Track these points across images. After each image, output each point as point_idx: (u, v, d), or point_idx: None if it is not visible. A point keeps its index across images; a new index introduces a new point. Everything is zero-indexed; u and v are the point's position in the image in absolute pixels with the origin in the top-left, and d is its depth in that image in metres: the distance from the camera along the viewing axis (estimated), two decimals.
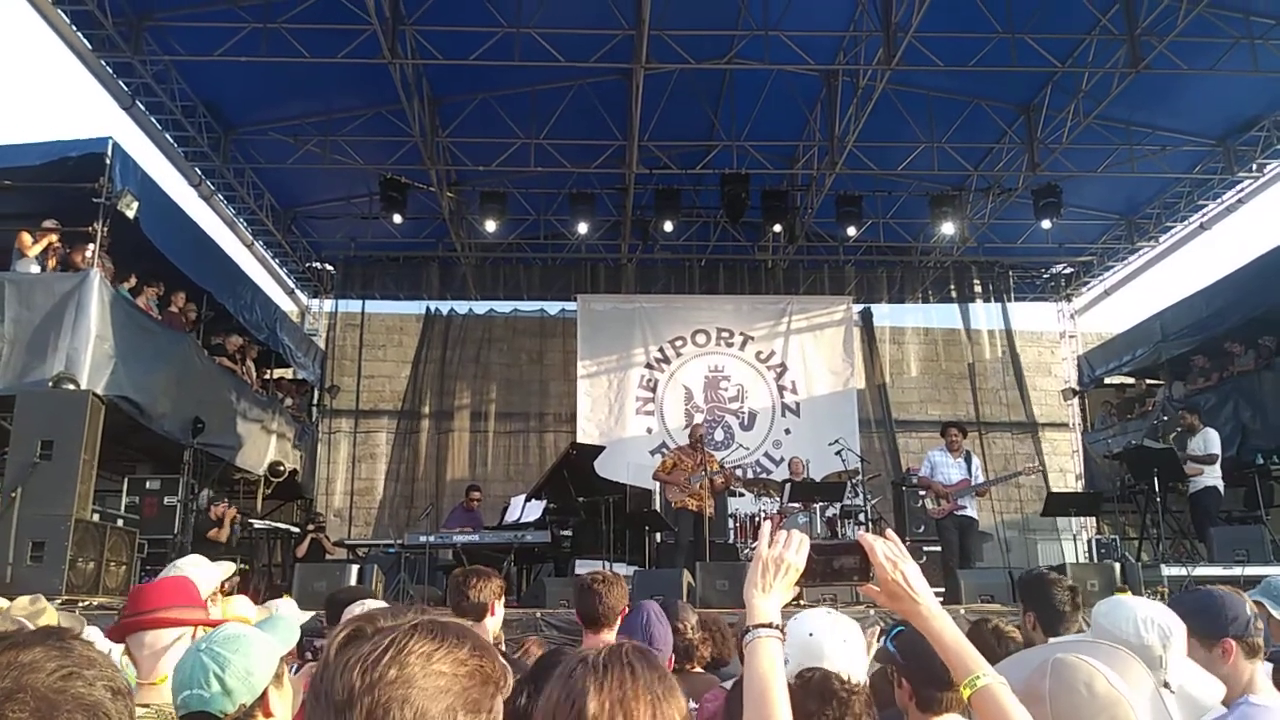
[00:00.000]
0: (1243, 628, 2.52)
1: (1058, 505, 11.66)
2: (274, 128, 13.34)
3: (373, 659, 1.18)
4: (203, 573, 3.31)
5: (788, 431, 16.13)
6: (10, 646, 0.98)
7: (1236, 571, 8.10)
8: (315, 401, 16.78)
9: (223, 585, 3.53)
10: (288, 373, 15.73)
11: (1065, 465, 17.60)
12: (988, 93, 13.00)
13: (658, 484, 11.16)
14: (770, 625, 1.82)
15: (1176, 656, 2.14)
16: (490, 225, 14.29)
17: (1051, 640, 2.79)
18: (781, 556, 1.90)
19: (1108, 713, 1.67)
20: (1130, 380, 16.15)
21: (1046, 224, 14.04)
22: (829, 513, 11.83)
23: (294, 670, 2.72)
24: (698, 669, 3.86)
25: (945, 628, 1.83)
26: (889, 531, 1.96)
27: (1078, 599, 3.55)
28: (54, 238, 9.49)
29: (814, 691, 2.15)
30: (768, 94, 12.84)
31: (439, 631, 1.26)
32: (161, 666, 2.46)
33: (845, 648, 2.36)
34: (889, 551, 1.89)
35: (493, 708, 1.27)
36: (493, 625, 3.73)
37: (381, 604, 4.46)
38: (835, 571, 1.95)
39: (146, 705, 2.29)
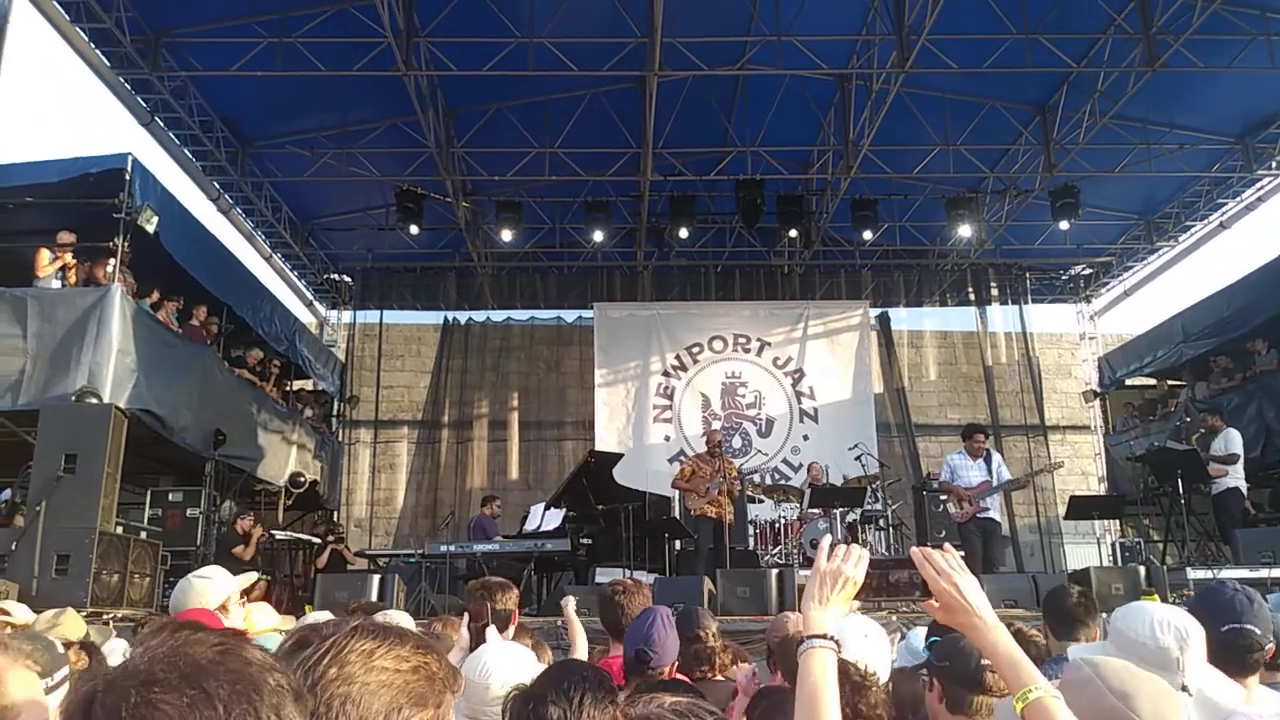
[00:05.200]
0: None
1: (1080, 509, 11.55)
2: (291, 141, 13.44)
3: (314, 660, 1.20)
4: (220, 580, 3.33)
5: (806, 437, 16.08)
6: (178, 627, 0.99)
7: (1263, 574, 8.02)
8: (335, 412, 16.86)
9: (248, 593, 3.57)
10: (307, 384, 15.82)
11: (1087, 468, 17.45)
12: (1003, 94, 12.95)
13: (677, 492, 11.15)
14: (825, 636, 1.84)
15: (1195, 660, 2.12)
16: (506, 235, 14.34)
17: (1071, 648, 2.78)
18: (840, 570, 1.92)
19: (1153, 684, 1.67)
20: (1152, 382, 16.01)
21: (1064, 225, 13.97)
22: (849, 518, 11.78)
23: None
24: (719, 676, 3.84)
25: (1000, 640, 1.84)
26: (946, 545, 1.97)
27: (1089, 606, 3.54)
28: (68, 256, 9.58)
29: None
30: (781, 99, 12.83)
31: (379, 632, 1.28)
32: None
33: (867, 642, 2.37)
34: (943, 565, 1.89)
35: (441, 703, 1.28)
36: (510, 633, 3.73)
37: (405, 615, 4.47)
38: (891, 586, 1.98)
39: None
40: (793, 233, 15.16)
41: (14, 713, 1.76)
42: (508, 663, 2.70)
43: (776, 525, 12.32)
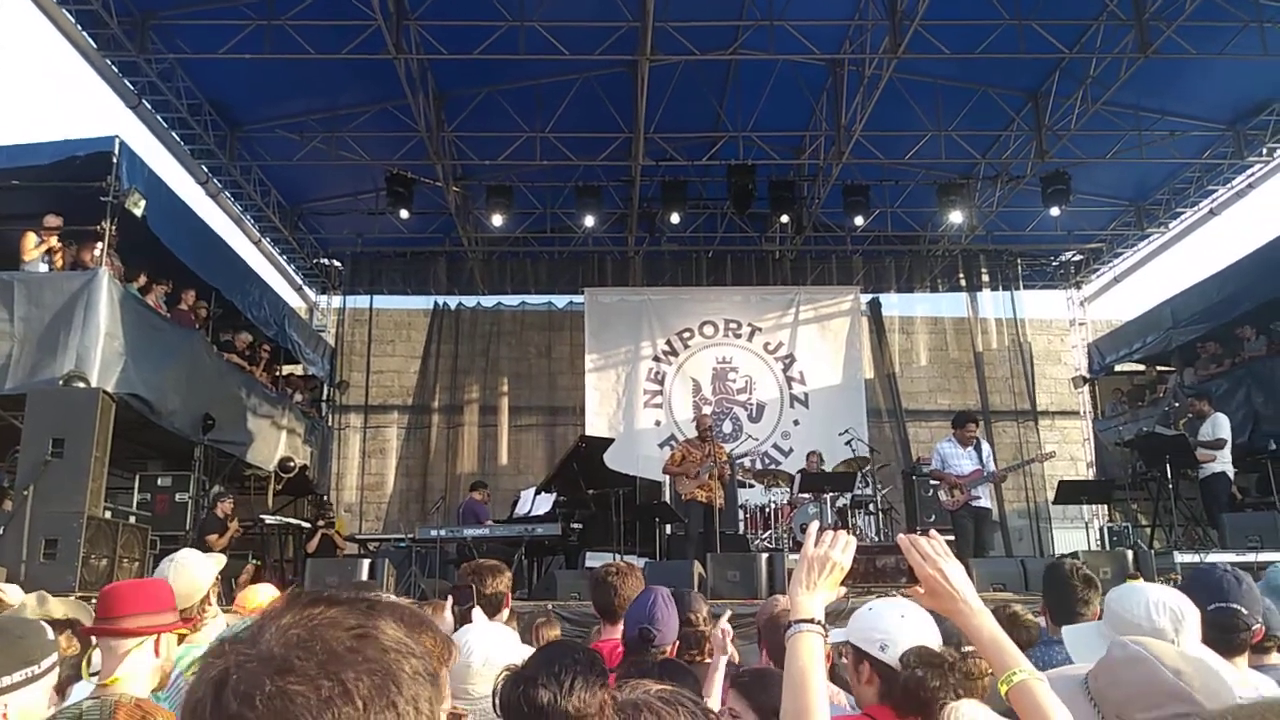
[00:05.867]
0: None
1: (1069, 493, 11.61)
2: (280, 124, 13.35)
3: None
4: (199, 569, 3.33)
5: (796, 422, 16.11)
6: (310, 603, 0.93)
7: (1250, 558, 8.07)
8: (325, 397, 16.82)
9: (239, 578, 3.58)
10: (297, 369, 15.77)
11: (1076, 453, 17.54)
12: (995, 80, 12.94)
13: (667, 476, 11.17)
14: (813, 621, 1.87)
15: (1189, 640, 2.13)
16: (497, 219, 14.29)
17: (1066, 629, 2.78)
18: (827, 556, 1.95)
19: (1201, 661, 1.68)
20: (1141, 367, 16.08)
21: (1055, 211, 13.98)
22: (840, 503, 11.82)
23: None
24: (709, 659, 3.85)
25: (984, 624, 1.87)
26: (933, 531, 1.99)
27: (1091, 588, 3.53)
28: (54, 240, 9.52)
29: (931, 664, 2.16)
30: (773, 84, 12.81)
31: (377, 610, 1.27)
32: (119, 669, 2.56)
33: (904, 623, 2.36)
34: (928, 550, 1.91)
35: (437, 680, 1.28)
36: (504, 616, 3.73)
37: (394, 599, 4.46)
38: (878, 571, 2.01)
39: (96, 699, 2.34)
40: (784, 218, 15.16)
41: None
42: (490, 641, 2.70)
43: (767, 510, 12.34)
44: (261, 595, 3.89)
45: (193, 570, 3.28)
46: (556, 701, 2.00)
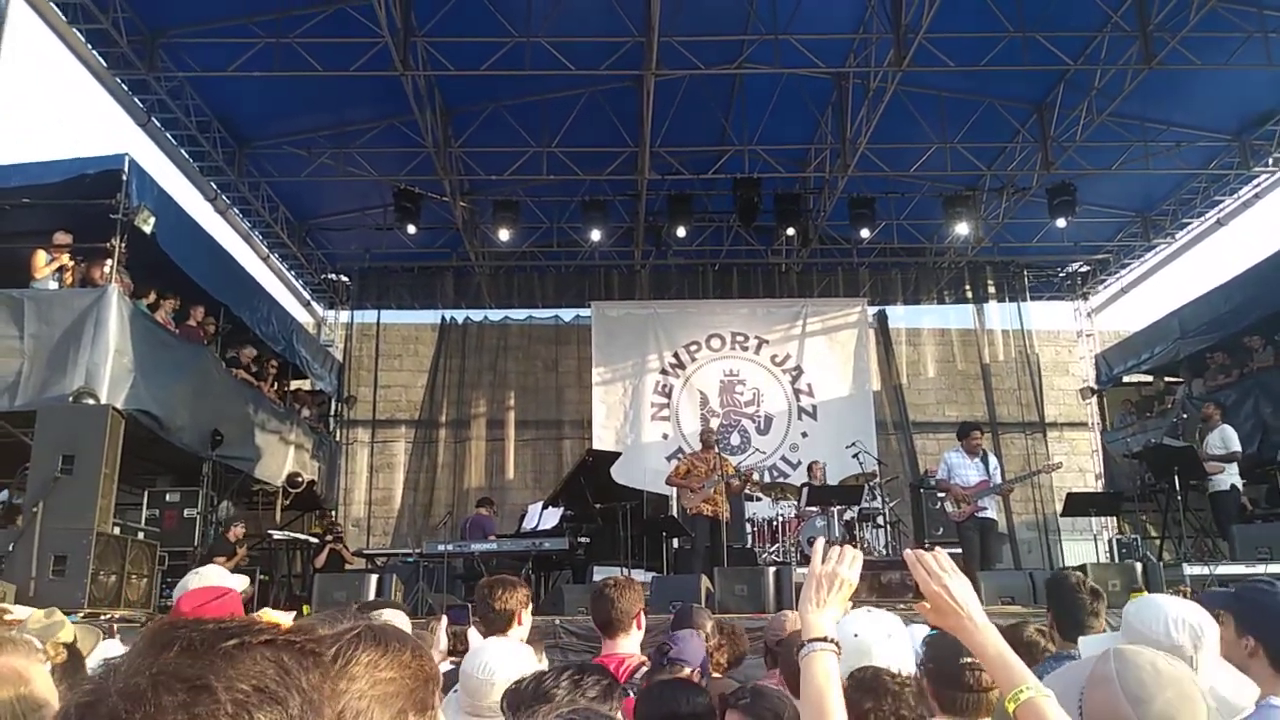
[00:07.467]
0: None
1: (1078, 505, 11.57)
2: (288, 141, 13.42)
3: None
4: (227, 585, 3.31)
5: (804, 434, 16.08)
6: (164, 646, 0.87)
7: (1259, 569, 8.03)
8: (333, 412, 16.85)
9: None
10: (305, 384, 15.80)
11: (1084, 465, 17.47)
12: (1000, 92, 12.95)
13: (674, 489, 11.15)
14: (825, 639, 1.86)
15: (1208, 657, 2.11)
16: (504, 234, 14.32)
17: (1082, 640, 2.76)
18: (835, 572, 1.95)
19: (1174, 688, 1.65)
20: (1149, 378, 16.03)
21: (1061, 222, 13.97)
22: (847, 516, 11.79)
23: None
24: (715, 675, 3.84)
25: (990, 641, 1.85)
26: (938, 549, 1.99)
27: (1097, 599, 3.50)
28: (66, 258, 9.57)
29: (867, 688, 2.19)
30: (778, 98, 12.83)
31: (381, 638, 1.28)
32: None
33: (891, 643, 2.38)
34: (932, 566, 1.91)
35: (434, 704, 1.30)
36: (519, 634, 3.71)
37: (402, 614, 4.46)
38: (884, 587, 2.02)
39: None
40: (790, 231, 15.18)
41: (50, 710, 1.75)
42: (510, 661, 2.69)
43: (774, 523, 12.32)
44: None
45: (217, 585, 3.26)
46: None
